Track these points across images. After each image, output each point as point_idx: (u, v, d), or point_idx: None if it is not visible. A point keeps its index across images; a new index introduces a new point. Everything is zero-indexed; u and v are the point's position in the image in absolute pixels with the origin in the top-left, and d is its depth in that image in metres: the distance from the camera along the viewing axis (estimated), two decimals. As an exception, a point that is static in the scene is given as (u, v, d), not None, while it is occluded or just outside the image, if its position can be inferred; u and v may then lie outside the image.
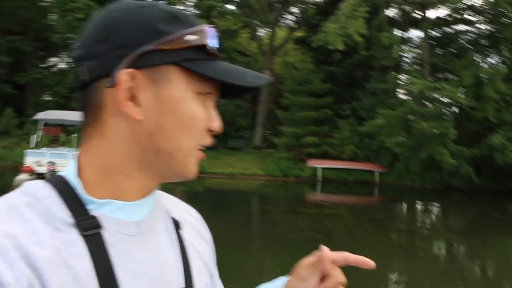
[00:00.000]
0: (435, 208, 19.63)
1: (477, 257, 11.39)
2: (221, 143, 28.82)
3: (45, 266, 0.58)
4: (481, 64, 25.94)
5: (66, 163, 14.47)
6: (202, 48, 0.69)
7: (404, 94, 26.58)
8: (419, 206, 20.21)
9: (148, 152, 0.69)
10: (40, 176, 13.89)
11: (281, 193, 22.24)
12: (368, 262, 0.77)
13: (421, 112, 23.19)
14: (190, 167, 0.71)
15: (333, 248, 0.80)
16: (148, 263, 0.69)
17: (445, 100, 24.73)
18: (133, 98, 0.66)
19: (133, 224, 0.70)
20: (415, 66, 27.23)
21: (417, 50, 28.80)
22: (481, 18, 27.10)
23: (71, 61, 0.72)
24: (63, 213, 0.64)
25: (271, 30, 35.17)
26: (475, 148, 23.50)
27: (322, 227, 13.99)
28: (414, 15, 28.66)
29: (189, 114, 0.68)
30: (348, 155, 25.59)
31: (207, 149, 0.74)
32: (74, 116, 18.38)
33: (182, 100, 0.68)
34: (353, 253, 0.80)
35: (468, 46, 28.21)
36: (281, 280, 0.85)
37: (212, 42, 0.70)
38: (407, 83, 24.09)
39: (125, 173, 0.70)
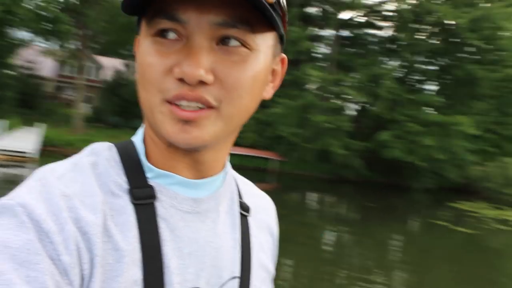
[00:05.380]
0: (323, 197, 20.66)
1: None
2: (126, 122, 28.36)
3: (94, 231, 0.55)
4: (381, 65, 27.37)
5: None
6: None
7: (308, 87, 27.42)
8: (309, 194, 21.13)
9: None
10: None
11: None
12: None
13: (318, 104, 24.00)
14: (161, 126, 0.58)
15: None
16: (200, 244, 0.64)
17: (346, 96, 25.95)
18: None
19: (191, 200, 0.65)
20: (324, 62, 28.18)
21: (325, 48, 29.94)
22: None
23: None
24: (120, 178, 0.62)
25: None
26: (368, 143, 24.65)
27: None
28: (330, 14, 29.64)
29: (140, 63, 0.59)
30: (249, 142, 25.93)
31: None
32: None
33: (140, 49, 0.59)
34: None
35: (372, 47, 29.70)
36: None
37: None
38: (307, 75, 24.89)
39: (153, 139, 0.64)
